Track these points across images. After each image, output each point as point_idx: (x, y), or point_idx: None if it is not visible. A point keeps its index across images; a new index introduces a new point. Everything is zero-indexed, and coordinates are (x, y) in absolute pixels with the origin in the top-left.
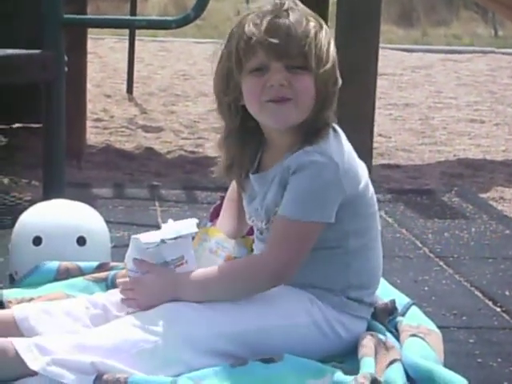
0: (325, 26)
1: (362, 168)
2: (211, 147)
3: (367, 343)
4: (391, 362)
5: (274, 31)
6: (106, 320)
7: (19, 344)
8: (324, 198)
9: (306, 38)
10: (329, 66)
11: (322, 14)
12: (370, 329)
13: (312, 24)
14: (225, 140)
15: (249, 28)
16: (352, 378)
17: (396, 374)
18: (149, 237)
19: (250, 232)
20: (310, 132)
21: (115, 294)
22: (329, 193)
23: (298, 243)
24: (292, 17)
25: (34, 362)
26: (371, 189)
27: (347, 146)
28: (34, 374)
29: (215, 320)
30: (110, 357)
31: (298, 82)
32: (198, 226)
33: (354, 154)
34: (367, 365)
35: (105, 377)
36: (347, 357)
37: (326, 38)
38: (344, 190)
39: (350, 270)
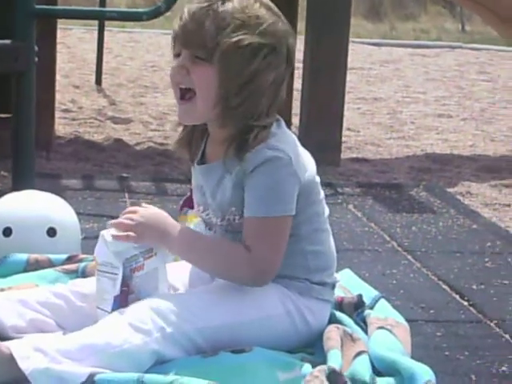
0: (264, 30)
1: (306, 155)
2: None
3: (333, 336)
4: (358, 354)
5: (186, 20)
6: (68, 310)
7: (16, 349)
8: (285, 192)
9: (216, 31)
10: (237, 60)
11: (292, 8)
12: (337, 321)
13: (237, 16)
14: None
15: (180, 15)
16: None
17: (362, 365)
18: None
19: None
20: (244, 132)
21: (79, 285)
22: (288, 186)
23: (274, 239)
24: (220, 7)
25: (28, 368)
26: (317, 176)
27: (292, 135)
28: None
29: (192, 316)
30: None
31: (195, 73)
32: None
33: (298, 142)
34: (334, 357)
35: None
36: (316, 347)
37: (248, 38)
38: (300, 179)
39: (307, 254)
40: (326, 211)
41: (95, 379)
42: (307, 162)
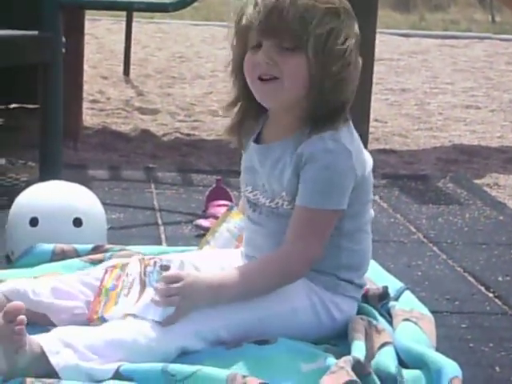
0: (344, 16)
1: (367, 155)
2: (207, 130)
3: (358, 327)
4: (382, 345)
5: (268, 11)
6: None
7: (47, 344)
8: (341, 186)
9: (303, 21)
10: (329, 52)
11: None
12: (362, 312)
13: (320, 7)
14: (233, 104)
15: (248, 6)
16: (335, 362)
17: (387, 357)
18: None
19: None
20: (318, 119)
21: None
22: (345, 181)
23: (322, 231)
24: None
25: (58, 364)
26: (372, 177)
27: (355, 134)
28: None
29: (219, 312)
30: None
31: (285, 63)
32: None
33: (360, 142)
34: (358, 348)
35: None
36: (341, 339)
37: (336, 25)
38: (356, 175)
39: (342, 251)
40: (371, 214)
41: (120, 370)
42: (366, 161)
